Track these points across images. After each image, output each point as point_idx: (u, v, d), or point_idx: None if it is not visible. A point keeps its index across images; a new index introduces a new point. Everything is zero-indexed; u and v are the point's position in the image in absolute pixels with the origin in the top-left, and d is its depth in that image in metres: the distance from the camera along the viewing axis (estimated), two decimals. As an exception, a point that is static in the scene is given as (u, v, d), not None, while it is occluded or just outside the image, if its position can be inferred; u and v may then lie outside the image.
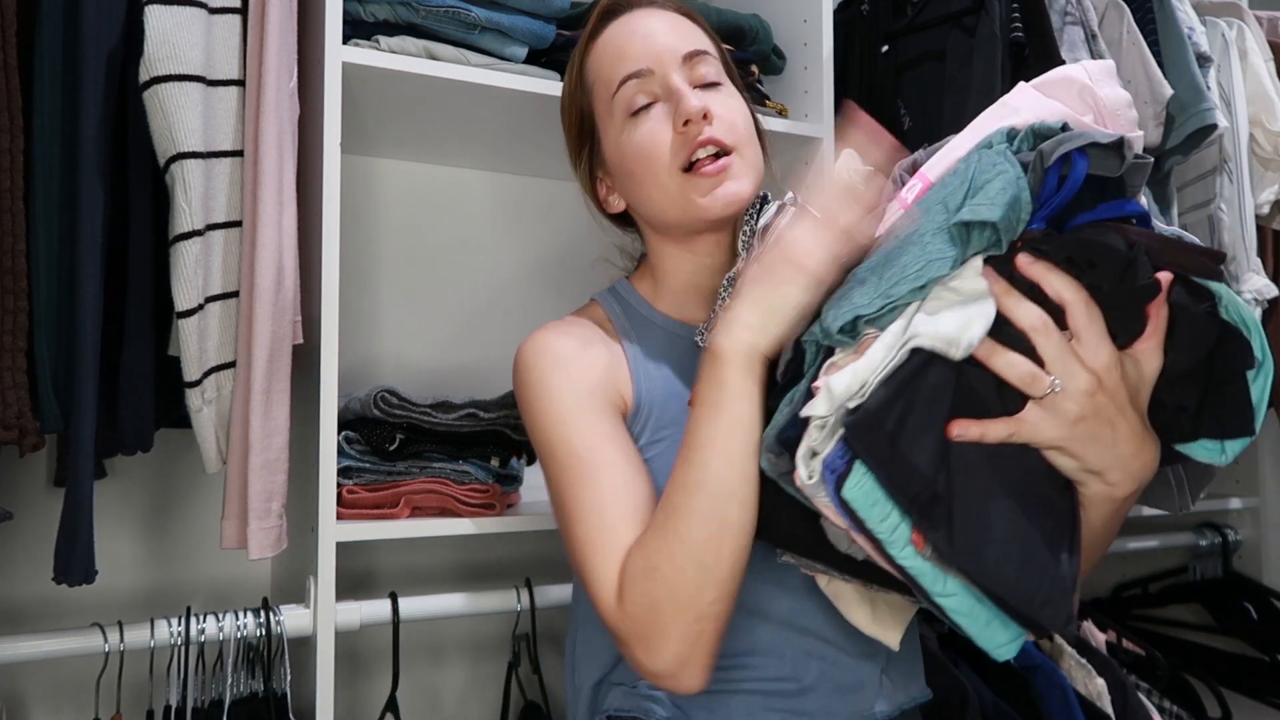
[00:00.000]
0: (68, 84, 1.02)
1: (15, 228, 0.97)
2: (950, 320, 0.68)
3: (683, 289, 1.03)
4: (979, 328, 0.68)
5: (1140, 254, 0.69)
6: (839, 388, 0.68)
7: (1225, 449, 0.75)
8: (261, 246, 1.06)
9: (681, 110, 0.93)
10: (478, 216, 1.63)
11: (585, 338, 0.98)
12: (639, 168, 0.96)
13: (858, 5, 1.64)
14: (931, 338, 0.67)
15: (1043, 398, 0.70)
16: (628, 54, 0.97)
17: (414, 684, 1.50)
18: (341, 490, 1.17)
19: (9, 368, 0.96)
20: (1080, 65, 0.76)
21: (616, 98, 0.97)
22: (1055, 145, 0.69)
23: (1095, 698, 1.36)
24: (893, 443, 0.67)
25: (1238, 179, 1.80)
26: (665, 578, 0.79)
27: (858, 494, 0.68)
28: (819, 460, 0.70)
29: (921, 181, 0.78)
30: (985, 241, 0.70)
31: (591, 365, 0.95)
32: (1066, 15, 1.54)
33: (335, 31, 1.15)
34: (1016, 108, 0.77)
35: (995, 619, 0.70)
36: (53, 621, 1.28)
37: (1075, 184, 0.69)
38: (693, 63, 0.97)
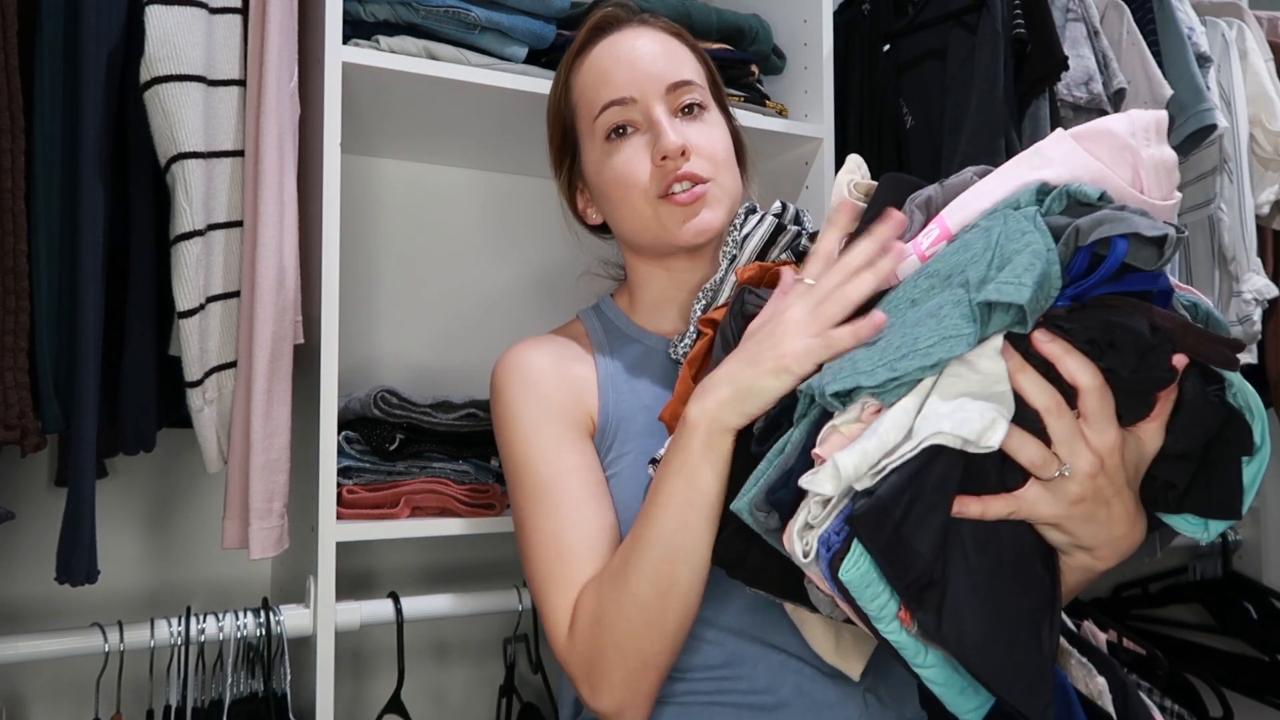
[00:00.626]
0: (69, 84, 1.02)
1: (16, 228, 0.97)
2: (974, 418, 0.64)
3: (658, 303, 1.05)
4: (1001, 429, 0.64)
5: (1163, 341, 0.65)
6: (848, 469, 0.64)
7: (1209, 527, 0.74)
8: (262, 246, 1.06)
9: (660, 146, 0.95)
10: (478, 216, 1.63)
11: (559, 355, 1.00)
12: (616, 193, 0.98)
13: (858, 5, 1.64)
14: (954, 436, 0.64)
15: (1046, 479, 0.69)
16: (612, 79, 0.98)
17: (413, 684, 1.50)
18: (341, 490, 1.17)
19: (10, 368, 0.96)
20: (1126, 117, 0.71)
21: (598, 121, 0.99)
22: (1094, 225, 0.65)
23: (1096, 697, 1.36)
24: (898, 530, 0.64)
25: (1238, 179, 1.80)
26: (612, 627, 0.82)
27: (854, 576, 0.66)
28: (815, 535, 0.68)
29: (939, 228, 0.74)
30: (1008, 320, 0.65)
31: (560, 386, 0.97)
32: (1069, 12, 1.54)
33: (335, 31, 1.15)
34: (1051, 159, 0.72)
35: (969, 686, 0.70)
36: (53, 621, 1.28)
37: (1108, 271, 0.65)
38: (678, 92, 0.98)
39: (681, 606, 0.82)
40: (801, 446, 0.71)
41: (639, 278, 1.07)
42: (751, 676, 0.89)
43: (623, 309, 1.08)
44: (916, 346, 0.65)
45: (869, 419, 0.67)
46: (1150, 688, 1.61)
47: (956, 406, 0.65)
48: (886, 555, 0.64)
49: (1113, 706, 1.36)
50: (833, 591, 0.68)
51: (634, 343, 1.04)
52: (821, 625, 0.86)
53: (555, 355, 1.01)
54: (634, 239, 1.01)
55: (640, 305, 1.07)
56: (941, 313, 0.66)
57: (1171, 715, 1.61)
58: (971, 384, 0.66)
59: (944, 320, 0.65)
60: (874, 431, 0.65)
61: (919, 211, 0.79)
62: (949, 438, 0.64)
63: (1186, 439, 0.70)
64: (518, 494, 0.95)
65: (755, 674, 0.90)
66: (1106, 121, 0.72)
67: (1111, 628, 1.65)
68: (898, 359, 0.66)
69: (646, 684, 0.84)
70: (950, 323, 0.65)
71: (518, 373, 0.98)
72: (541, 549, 0.90)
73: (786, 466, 0.71)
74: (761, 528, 0.73)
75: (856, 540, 0.65)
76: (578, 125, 1.03)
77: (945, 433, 0.63)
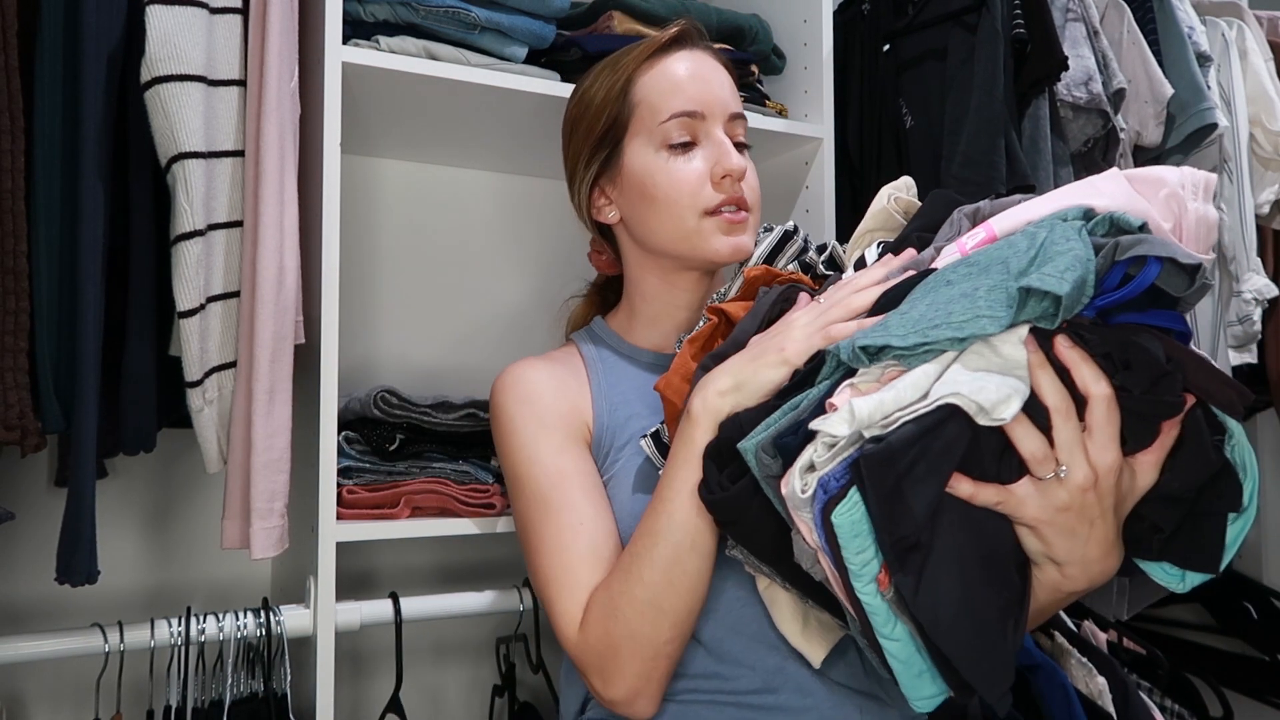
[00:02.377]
0: (69, 84, 1.02)
1: (16, 228, 0.97)
2: (992, 388, 0.66)
3: (655, 316, 1.09)
4: (1016, 405, 0.67)
5: (1177, 370, 0.68)
6: (863, 412, 0.67)
7: (1185, 579, 0.75)
8: (263, 246, 1.06)
9: (726, 164, 0.99)
10: (478, 216, 1.63)
11: (556, 371, 1.05)
12: (664, 197, 1.01)
13: (858, 5, 1.64)
14: (969, 400, 0.66)
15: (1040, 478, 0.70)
16: (686, 91, 1.01)
17: (413, 684, 1.50)
18: (341, 490, 1.17)
19: (10, 368, 0.96)
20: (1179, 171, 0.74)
21: (663, 126, 1.01)
22: (1134, 243, 0.67)
23: (1096, 696, 1.36)
24: (899, 482, 0.66)
25: (1238, 179, 1.80)
26: (625, 618, 0.85)
27: (846, 521, 0.68)
28: (815, 476, 0.70)
29: (986, 232, 0.77)
30: (1040, 312, 0.68)
31: (557, 399, 1.01)
32: (1068, 12, 1.55)
33: (335, 31, 1.15)
34: (1101, 191, 0.75)
35: (927, 671, 0.71)
36: (53, 621, 1.28)
37: (1138, 288, 0.68)
38: (735, 123, 1.04)
39: (691, 595, 0.85)
40: (818, 402, 0.74)
41: (642, 289, 1.09)
42: (750, 678, 0.90)
43: (615, 329, 1.11)
44: (950, 319, 0.68)
45: (886, 382, 0.70)
46: (1150, 688, 1.61)
47: (978, 377, 0.67)
48: (882, 505, 0.66)
49: (1113, 706, 1.36)
50: (818, 542, 0.70)
51: (627, 360, 1.08)
52: (790, 606, 0.88)
53: (551, 371, 1.04)
54: (662, 245, 1.03)
55: (638, 317, 1.10)
56: (976, 294, 0.69)
57: (1171, 715, 1.61)
58: (992, 363, 0.68)
59: (978, 300, 0.68)
60: (893, 386, 0.68)
61: (966, 220, 0.83)
62: (965, 401, 0.66)
63: (1180, 480, 0.71)
64: (520, 502, 0.98)
65: (753, 675, 0.90)
66: (1160, 170, 0.74)
67: (1111, 628, 1.65)
68: (930, 327, 0.68)
69: (658, 672, 0.87)
70: (984, 303, 0.68)
71: (516, 387, 1.02)
72: (548, 555, 0.93)
73: (799, 418, 0.74)
74: (762, 471, 0.75)
75: (855, 487, 0.68)
76: (630, 124, 1.03)
77: (963, 395, 0.66)
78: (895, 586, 0.69)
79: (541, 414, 1.00)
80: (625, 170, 1.04)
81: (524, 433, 0.99)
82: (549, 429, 0.99)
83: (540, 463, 0.97)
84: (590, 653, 0.88)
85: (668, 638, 0.86)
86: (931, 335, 0.68)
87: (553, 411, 1.00)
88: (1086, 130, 1.56)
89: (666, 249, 1.03)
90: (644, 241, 1.06)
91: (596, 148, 1.06)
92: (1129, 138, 1.62)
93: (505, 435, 1.01)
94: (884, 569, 0.68)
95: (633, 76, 1.04)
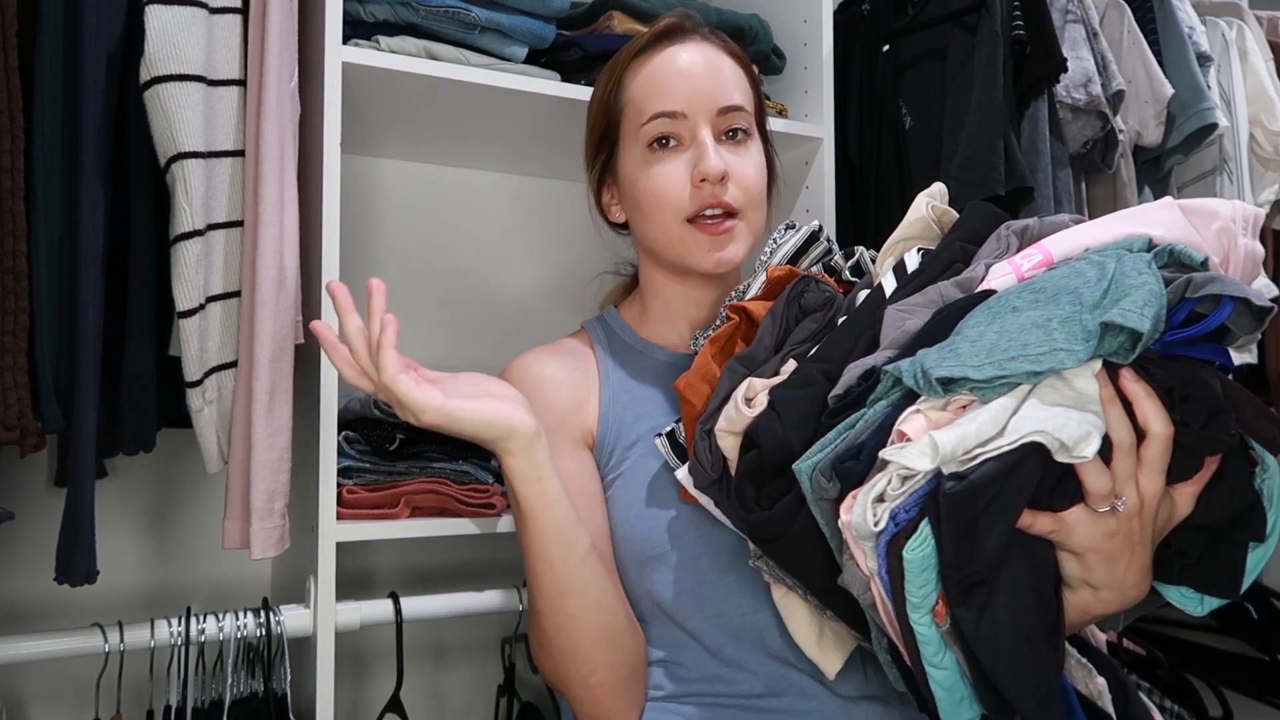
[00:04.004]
0: (68, 84, 1.02)
1: (16, 228, 0.97)
2: (1073, 425, 0.66)
3: (667, 314, 1.07)
4: (1096, 443, 0.66)
5: (1232, 408, 0.68)
6: (946, 448, 0.65)
7: (1204, 602, 0.76)
8: (263, 246, 1.06)
9: (701, 168, 0.95)
10: (478, 216, 1.63)
11: (564, 365, 1.03)
12: (648, 203, 0.99)
13: (858, 5, 1.64)
14: (1053, 438, 0.65)
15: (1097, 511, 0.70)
16: (666, 89, 0.98)
17: (413, 684, 1.50)
18: (341, 490, 1.17)
19: (10, 368, 0.96)
20: (1231, 205, 0.74)
21: (644, 128, 0.98)
22: (1207, 281, 0.67)
23: (1096, 696, 1.36)
24: (975, 520, 0.65)
25: (1238, 179, 1.80)
26: (543, 655, 0.90)
27: (917, 557, 0.66)
28: (885, 508, 0.68)
29: (1041, 254, 0.76)
30: (1116, 347, 0.67)
31: (561, 395, 1.00)
32: (1068, 13, 1.55)
33: (335, 31, 1.15)
34: (1155, 220, 0.74)
35: (967, 697, 0.71)
36: (53, 621, 1.28)
37: (1208, 327, 0.67)
38: (729, 116, 0.99)
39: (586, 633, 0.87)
40: (877, 424, 0.72)
41: (653, 286, 1.08)
42: (752, 681, 0.90)
43: (628, 320, 1.09)
44: (1026, 352, 0.67)
45: (955, 411, 0.69)
46: (1150, 688, 1.61)
47: (1057, 413, 0.66)
48: (958, 543, 0.65)
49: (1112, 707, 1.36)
50: (876, 570, 0.69)
51: (638, 355, 1.06)
52: (808, 618, 0.88)
53: (560, 364, 1.03)
54: (656, 251, 1.03)
55: (649, 314, 1.08)
56: (1050, 325, 0.68)
57: (1171, 715, 1.61)
58: (1067, 397, 0.67)
59: (1053, 332, 0.67)
60: (973, 419, 0.67)
61: (1014, 237, 0.82)
62: (1049, 439, 0.65)
63: (1214, 512, 0.72)
64: None
65: (756, 680, 0.90)
66: (1214, 203, 0.75)
67: (1110, 628, 1.65)
68: (1006, 359, 0.67)
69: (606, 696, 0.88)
70: (1061, 336, 0.67)
71: (522, 380, 1.01)
72: None
73: (858, 440, 0.72)
74: (817, 494, 0.74)
75: (927, 520, 0.66)
76: (622, 124, 1.03)
77: (1047, 433, 0.65)
78: (953, 618, 0.68)
79: (544, 410, 0.98)
80: (620, 173, 1.04)
81: None
82: (549, 430, 0.97)
83: None
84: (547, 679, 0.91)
85: (585, 671, 0.87)
86: (1008, 368, 0.67)
87: (553, 411, 0.99)
88: (1085, 132, 1.56)
89: (661, 255, 1.02)
90: (644, 247, 1.06)
91: (597, 149, 1.06)
92: (1129, 138, 1.62)
93: None
94: (941, 599, 0.68)
95: (623, 77, 1.03)
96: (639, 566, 0.94)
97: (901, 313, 0.79)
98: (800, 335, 0.88)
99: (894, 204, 1.57)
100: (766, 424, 0.79)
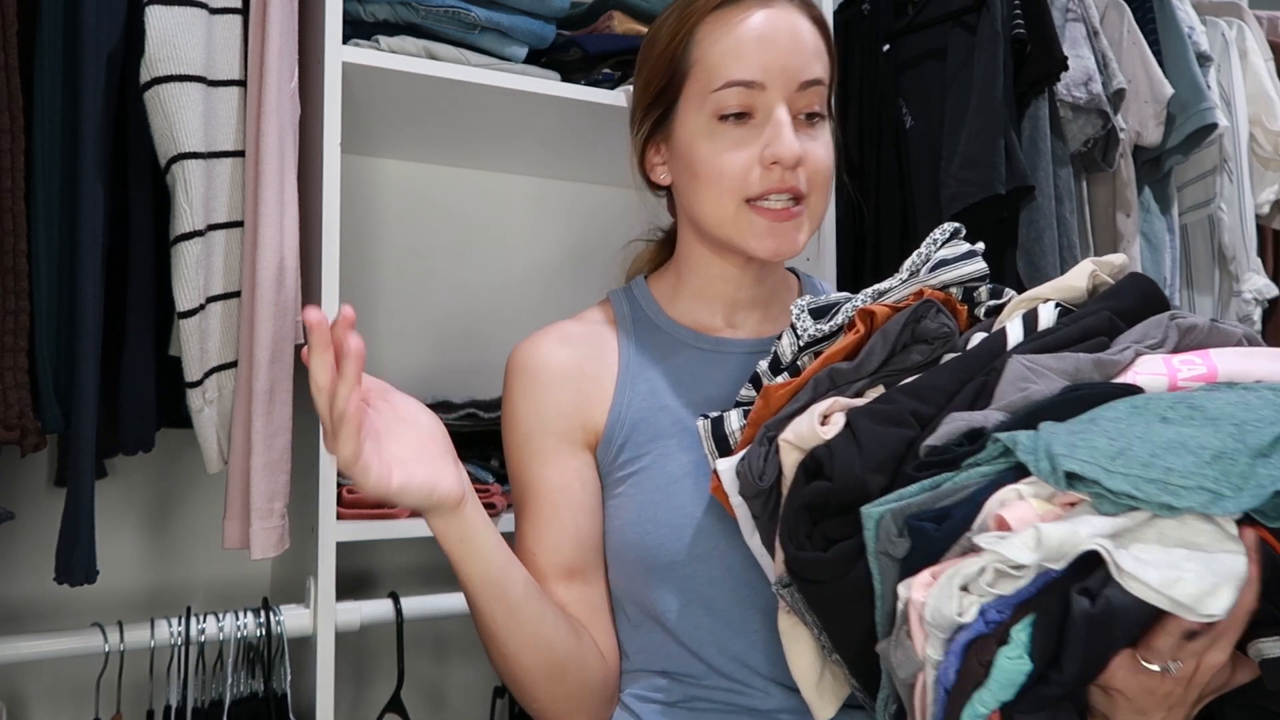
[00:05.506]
0: (68, 84, 1.02)
1: (16, 228, 0.97)
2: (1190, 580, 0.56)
3: (701, 292, 0.97)
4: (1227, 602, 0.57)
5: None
6: (1052, 544, 0.58)
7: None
8: (263, 246, 1.06)
9: (775, 151, 0.86)
10: (477, 216, 1.63)
11: (574, 354, 0.94)
12: (707, 175, 0.89)
13: (858, 5, 1.64)
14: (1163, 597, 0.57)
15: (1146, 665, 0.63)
16: (745, 56, 0.87)
17: (412, 684, 1.50)
18: (341, 490, 1.17)
19: (10, 368, 0.96)
20: None
21: (714, 95, 0.87)
22: None
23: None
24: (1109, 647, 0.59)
25: (1238, 179, 1.80)
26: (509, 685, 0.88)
27: (1012, 669, 0.59)
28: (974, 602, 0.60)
29: (1205, 365, 0.68)
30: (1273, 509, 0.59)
31: (565, 391, 0.92)
32: (1068, 12, 1.55)
33: (335, 31, 1.15)
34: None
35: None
36: (53, 621, 1.28)
37: None
38: (808, 91, 0.89)
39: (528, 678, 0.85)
40: (970, 493, 0.65)
41: (692, 260, 0.97)
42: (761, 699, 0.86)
43: (658, 296, 0.99)
44: (1169, 479, 0.59)
45: (1063, 506, 0.61)
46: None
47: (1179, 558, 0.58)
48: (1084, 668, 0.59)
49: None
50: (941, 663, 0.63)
51: (664, 337, 0.96)
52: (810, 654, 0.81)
53: (569, 353, 0.94)
54: (704, 226, 0.92)
55: (684, 290, 0.98)
56: (1202, 455, 0.60)
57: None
58: (1199, 538, 0.60)
59: (1204, 467, 0.59)
60: (1087, 522, 0.59)
61: (1176, 332, 0.72)
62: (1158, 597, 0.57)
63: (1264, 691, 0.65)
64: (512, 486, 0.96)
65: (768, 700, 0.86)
66: None
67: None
68: (1145, 479, 0.59)
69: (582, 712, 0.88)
70: (1212, 474, 0.59)
71: (525, 371, 0.94)
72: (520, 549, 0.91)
73: (940, 503, 0.65)
74: (881, 545, 0.66)
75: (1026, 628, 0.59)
76: (686, 84, 0.90)
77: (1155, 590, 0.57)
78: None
79: (544, 409, 0.92)
80: (675, 135, 0.92)
81: (521, 425, 0.92)
82: (546, 426, 0.92)
83: (526, 457, 0.92)
84: None
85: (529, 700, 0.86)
86: (1144, 491, 0.59)
87: (551, 411, 0.92)
88: (1086, 130, 1.56)
89: (708, 229, 0.91)
90: (689, 214, 0.94)
91: (652, 104, 0.93)
92: (1129, 137, 1.63)
93: (506, 418, 0.94)
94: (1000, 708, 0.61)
95: (695, 28, 0.90)
96: (644, 574, 0.88)
97: (1028, 369, 0.70)
98: (901, 364, 0.79)
99: (894, 204, 1.57)
100: (843, 455, 0.70)
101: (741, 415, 0.84)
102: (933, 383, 0.74)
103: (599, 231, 1.14)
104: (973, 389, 0.72)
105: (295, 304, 1.10)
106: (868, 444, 0.70)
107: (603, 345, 0.95)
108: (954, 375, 0.74)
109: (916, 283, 0.83)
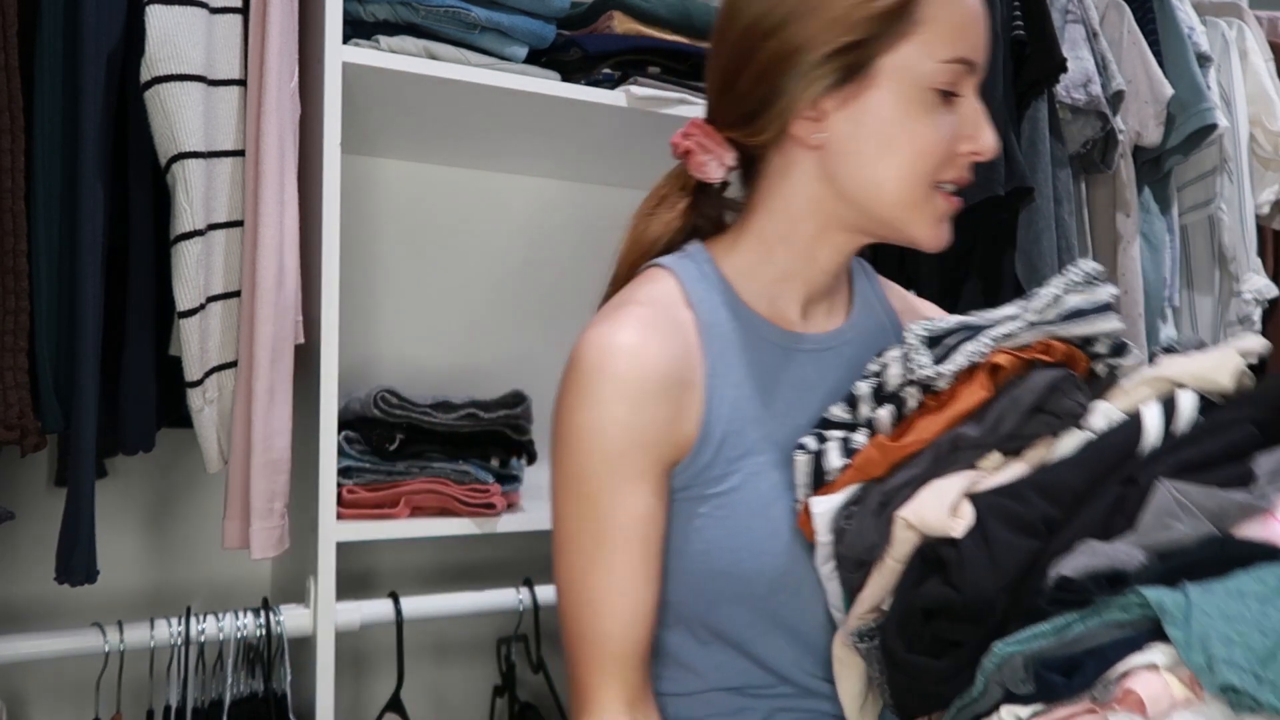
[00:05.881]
0: (68, 84, 1.02)
1: (16, 228, 0.97)
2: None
3: (788, 275, 0.85)
4: None
5: None
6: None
7: None
8: (263, 246, 1.06)
9: (981, 142, 0.81)
10: (478, 216, 1.63)
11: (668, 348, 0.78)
12: (905, 151, 0.80)
13: (858, 5, 1.64)
14: None
15: None
16: (972, 34, 0.81)
17: (413, 684, 1.50)
18: (342, 490, 1.17)
19: (10, 367, 0.97)
20: None
21: (937, 68, 0.78)
22: None
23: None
24: None
25: (1238, 179, 1.80)
26: None
27: None
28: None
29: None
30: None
31: (664, 404, 0.77)
32: (1068, 14, 1.55)
33: (335, 31, 1.15)
34: None
35: None
36: (53, 621, 1.28)
37: None
38: None
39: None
40: (1096, 644, 0.61)
41: (793, 235, 0.84)
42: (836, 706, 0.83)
43: (728, 274, 0.84)
44: None
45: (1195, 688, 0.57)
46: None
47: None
48: None
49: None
50: None
51: (745, 330, 0.83)
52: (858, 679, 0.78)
53: (663, 347, 0.78)
54: (869, 200, 0.81)
55: (767, 269, 0.85)
56: None
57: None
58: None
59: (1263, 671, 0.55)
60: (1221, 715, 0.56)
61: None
62: None
63: None
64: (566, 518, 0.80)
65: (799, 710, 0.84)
66: None
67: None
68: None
69: None
70: None
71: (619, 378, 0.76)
72: (583, 608, 0.78)
73: (1070, 652, 0.61)
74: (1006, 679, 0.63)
75: None
76: (903, 44, 0.78)
77: None
78: None
79: (642, 424, 0.76)
80: (868, 98, 0.79)
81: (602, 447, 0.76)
82: (643, 445, 0.76)
83: (611, 488, 0.76)
84: None
85: None
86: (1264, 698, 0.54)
87: (652, 424, 0.76)
88: (1085, 132, 1.56)
89: (872, 207, 0.81)
90: (846, 184, 0.81)
91: (843, 52, 0.78)
92: (1129, 138, 1.63)
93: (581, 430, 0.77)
94: None
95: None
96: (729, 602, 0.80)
97: (1176, 499, 0.64)
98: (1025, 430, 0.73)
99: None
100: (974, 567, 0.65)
101: (841, 452, 0.77)
102: (1064, 479, 0.69)
103: (599, 231, 1.14)
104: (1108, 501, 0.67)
105: (295, 304, 1.10)
106: (1000, 556, 0.66)
107: (685, 339, 0.80)
108: (1087, 471, 0.69)
109: (1045, 330, 0.76)
